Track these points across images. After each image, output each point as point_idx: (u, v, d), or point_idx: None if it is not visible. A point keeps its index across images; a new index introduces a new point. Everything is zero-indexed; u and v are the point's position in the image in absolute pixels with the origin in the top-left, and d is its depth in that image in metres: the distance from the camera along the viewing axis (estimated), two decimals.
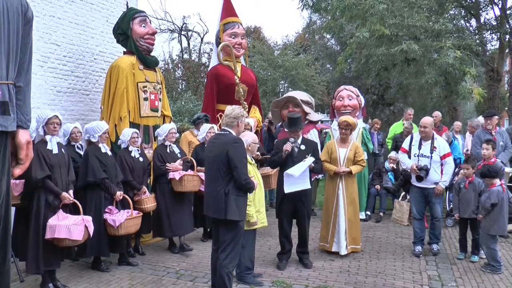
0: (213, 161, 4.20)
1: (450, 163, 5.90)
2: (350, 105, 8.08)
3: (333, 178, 6.05)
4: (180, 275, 5.23)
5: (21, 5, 2.31)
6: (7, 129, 2.24)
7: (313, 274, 5.23)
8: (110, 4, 7.92)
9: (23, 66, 2.36)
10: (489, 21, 11.69)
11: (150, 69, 6.84)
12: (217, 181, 4.15)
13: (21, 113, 2.35)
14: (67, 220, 4.54)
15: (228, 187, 4.12)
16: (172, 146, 6.19)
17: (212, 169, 4.21)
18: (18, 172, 2.37)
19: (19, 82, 2.33)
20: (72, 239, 4.48)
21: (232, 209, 4.10)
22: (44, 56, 6.59)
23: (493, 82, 11.29)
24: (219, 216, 4.13)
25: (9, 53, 2.24)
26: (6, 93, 2.22)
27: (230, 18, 8.25)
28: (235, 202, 4.13)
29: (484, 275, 5.23)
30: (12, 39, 2.25)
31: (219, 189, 4.13)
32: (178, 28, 26.26)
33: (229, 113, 4.36)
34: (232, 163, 4.08)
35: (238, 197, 4.16)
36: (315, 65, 20.94)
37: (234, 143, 4.17)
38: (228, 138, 4.22)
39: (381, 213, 8.30)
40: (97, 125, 5.41)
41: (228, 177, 4.12)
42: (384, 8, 8.97)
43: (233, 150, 4.10)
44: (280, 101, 8.39)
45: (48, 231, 4.48)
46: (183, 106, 15.20)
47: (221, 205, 4.10)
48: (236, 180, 4.11)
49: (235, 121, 4.32)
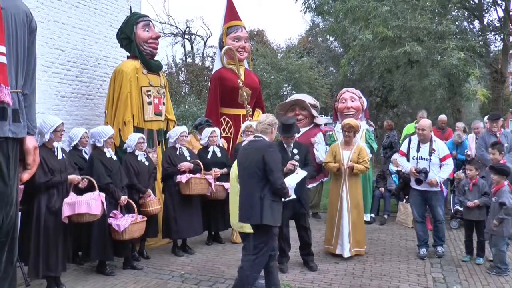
0: (248, 167, 4.26)
1: (449, 164, 5.88)
2: (353, 107, 8.10)
3: (337, 181, 6.05)
4: (185, 278, 5.24)
5: (26, 15, 2.39)
6: (18, 136, 2.30)
7: (318, 277, 5.22)
8: (114, 9, 7.96)
9: (29, 74, 2.45)
10: (492, 22, 11.65)
11: (153, 73, 6.86)
12: (254, 186, 4.21)
13: (28, 120, 2.43)
14: (85, 196, 4.70)
15: (264, 192, 4.17)
16: (182, 148, 6.24)
17: (247, 176, 4.27)
18: (26, 177, 2.43)
19: (25, 90, 2.41)
20: (92, 213, 4.66)
21: (267, 213, 4.14)
22: (49, 61, 6.63)
23: (497, 84, 11.24)
24: (254, 221, 4.17)
25: (18, 62, 2.32)
26: (16, 101, 2.30)
27: (233, 21, 8.27)
28: (270, 207, 4.17)
29: (489, 277, 5.20)
30: (20, 49, 2.33)
31: (255, 194, 4.18)
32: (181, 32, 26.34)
33: (263, 120, 4.48)
34: (268, 168, 4.14)
35: (273, 202, 4.21)
36: (318, 67, 20.93)
37: (269, 148, 4.28)
38: (262, 144, 4.33)
39: (386, 215, 8.28)
40: (103, 130, 5.44)
41: (263, 182, 4.18)
42: (387, 10, 8.96)
43: (268, 155, 4.18)
44: (286, 104, 8.37)
45: (67, 209, 4.56)
46: (187, 110, 15.22)
47: (256, 210, 4.14)
48: (272, 185, 4.17)
49: (270, 128, 4.44)
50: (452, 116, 12.58)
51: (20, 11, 2.34)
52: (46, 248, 4.57)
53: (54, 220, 4.62)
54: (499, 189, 5.33)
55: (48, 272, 4.62)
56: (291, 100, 8.35)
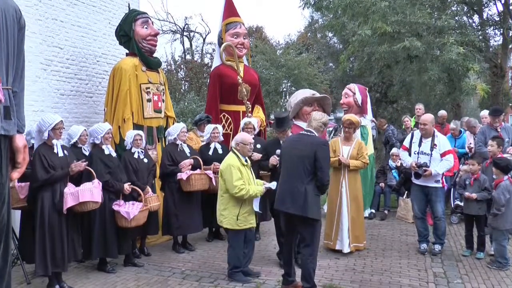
0: (298, 158, 4.39)
1: (449, 159, 5.76)
2: (344, 102, 8.29)
3: (337, 176, 6.05)
4: (186, 275, 5.24)
5: (15, 12, 2.34)
6: (9, 133, 2.27)
7: (318, 273, 5.20)
8: (112, 6, 7.94)
9: (18, 72, 2.40)
10: (492, 16, 11.62)
11: (152, 70, 6.84)
12: (299, 178, 4.35)
13: (17, 118, 2.39)
14: (86, 185, 4.73)
15: (309, 185, 4.32)
16: (182, 145, 6.25)
17: (295, 167, 4.40)
18: (16, 176, 2.40)
19: (14, 88, 2.37)
20: (95, 201, 4.73)
21: (312, 207, 4.30)
22: (47, 59, 6.61)
23: (496, 78, 11.23)
24: (298, 212, 4.31)
25: (8, 59, 2.27)
26: (8, 98, 2.26)
27: (232, 18, 8.25)
28: (315, 200, 4.34)
29: (490, 271, 5.21)
30: (10, 45, 2.29)
31: (300, 186, 4.32)
32: (180, 29, 26.26)
33: (318, 118, 4.64)
34: (318, 163, 4.30)
35: (316, 197, 4.40)
36: (317, 64, 20.87)
37: (323, 145, 4.46)
38: (316, 140, 4.48)
39: (386, 210, 8.29)
40: (99, 126, 5.45)
41: (311, 176, 4.34)
42: (386, 6, 8.94)
43: (321, 152, 4.34)
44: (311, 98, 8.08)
45: (70, 199, 4.59)
46: (186, 107, 15.20)
47: (300, 202, 4.28)
48: (319, 180, 4.33)
49: (323, 127, 4.65)
50: (451, 111, 12.57)
51: (10, 7, 2.30)
52: (52, 244, 4.58)
53: (59, 216, 4.63)
54: (498, 183, 5.36)
55: (55, 268, 4.63)
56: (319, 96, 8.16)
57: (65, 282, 4.82)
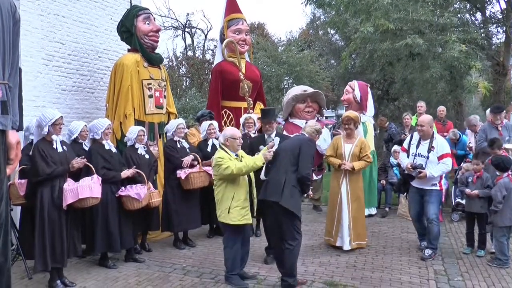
0: (285, 152, 4.64)
1: (447, 163, 5.60)
2: (344, 99, 8.34)
3: (338, 174, 6.04)
4: (187, 271, 5.26)
5: (10, 6, 2.30)
6: (6, 128, 2.25)
7: (319, 270, 5.24)
8: (114, 2, 7.94)
9: (13, 67, 2.35)
10: (494, 14, 11.57)
11: (154, 67, 6.84)
12: (283, 170, 4.53)
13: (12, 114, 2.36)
14: (85, 181, 4.73)
15: (290, 176, 4.49)
16: (181, 141, 6.26)
17: (283, 160, 4.61)
18: (8, 172, 2.38)
19: (10, 83, 2.33)
20: (95, 197, 4.75)
21: (287, 197, 4.41)
22: (49, 54, 6.61)
23: (498, 76, 11.18)
24: (274, 198, 4.44)
25: (4, 53, 2.24)
26: (5, 93, 2.24)
27: (234, 14, 8.25)
28: (292, 192, 4.45)
29: (490, 269, 5.21)
30: (6, 40, 2.26)
31: (282, 177, 4.49)
32: (182, 25, 26.27)
33: (312, 125, 5.05)
34: (300, 156, 4.53)
35: (294, 188, 4.49)
36: (319, 61, 20.88)
37: (309, 141, 4.78)
38: (305, 137, 4.85)
39: (387, 208, 8.29)
40: (99, 122, 5.46)
41: (294, 168, 4.52)
42: (388, 3, 8.90)
43: (306, 147, 4.63)
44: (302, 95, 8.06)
45: (69, 196, 4.59)
46: (188, 103, 15.23)
47: (278, 191, 4.44)
48: (299, 171, 4.49)
49: (316, 133, 5.00)
50: (453, 109, 12.54)
51: (5, 1, 2.27)
52: (51, 240, 4.58)
53: (58, 211, 4.63)
54: (498, 180, 5.39)
55: (55, 263, 4.64)
56: (310, 92, 8.11)
57: (66, 277, 4.83)
